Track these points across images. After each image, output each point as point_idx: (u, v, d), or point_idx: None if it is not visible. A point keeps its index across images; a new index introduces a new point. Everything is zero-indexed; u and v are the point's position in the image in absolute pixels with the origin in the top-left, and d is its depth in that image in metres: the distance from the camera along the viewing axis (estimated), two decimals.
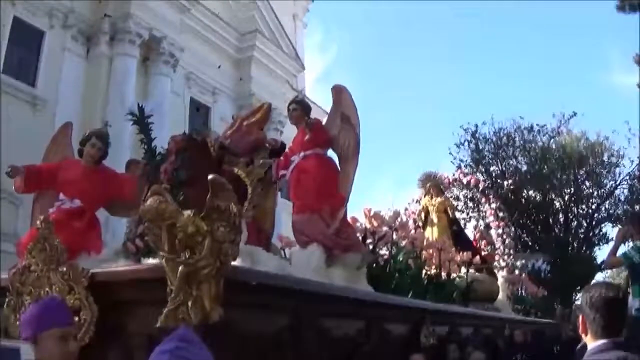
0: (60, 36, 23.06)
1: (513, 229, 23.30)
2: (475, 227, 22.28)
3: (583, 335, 3.59)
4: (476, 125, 36.84)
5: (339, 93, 8.10)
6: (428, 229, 15.80)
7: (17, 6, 21.51)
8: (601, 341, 3.43)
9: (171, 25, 25.82)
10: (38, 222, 5.26)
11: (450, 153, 36.84)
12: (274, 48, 32.16)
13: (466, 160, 36.28)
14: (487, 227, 19.18)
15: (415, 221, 16.07)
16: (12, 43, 21.24)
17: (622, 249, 9.50)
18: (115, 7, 24.08)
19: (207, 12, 28.68)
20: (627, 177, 37.12)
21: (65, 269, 4.87)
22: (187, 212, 4.12)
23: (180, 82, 27.44)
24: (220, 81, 30.04)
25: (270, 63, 32.08)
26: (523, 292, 19.78)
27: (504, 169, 36.65)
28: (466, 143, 36.81)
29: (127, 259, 6.20)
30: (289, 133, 21.08)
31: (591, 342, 3.49)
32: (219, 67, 29.81)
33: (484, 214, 22.81)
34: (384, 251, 9.93)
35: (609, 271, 41.97)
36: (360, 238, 8.64)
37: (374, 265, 8.90)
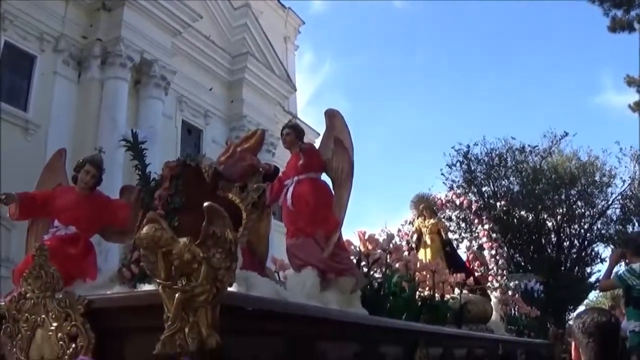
0: (52, 60, 23.08)
1: (506, 249, 23.30)
2: (468, 248, 22.32)
3: None
4: (468, 146, 36.94)
5: (332, 117, 8.12)
6: (421, 250, 15.78)
7: (8, 30, 21.53)
8: None
9: (162, 48, 25.85)
10: (33, 250, 5.28)
11: (442, 174, 36.92)
12: (265, 70, 32.24)
13: (458, 181, 36.34)
14: (480, 247, 19.20)
15: (408, 243, 16.07)
16: (3, 67, 21.22)
17: (616, 271, 9.51)
18: (106, 31, 24.12)
19: (198, 35, 28.77)
20: (619, 197, 37.25)
21: (61, 296, 4.88)
22: (183, 240, 4.13)
23: (172, 104, 27.48)
24: (212, 104, 30.09)
25: (262, 85, 32.15)
26: (516, 312, 19.78)
27: (496, 189, 36.70)
28: (458, 164, 36.89)
29: (123, 285, 6.20)
30: (280, 155, 21.18)
31: None
32: (211, 89, 29.86)
33: (476, 234, 22.87)
34: (378, 274, 9.93)
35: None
36: (354, 261, 8.65)
37: (368, 288, 8.90)
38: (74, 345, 4.58)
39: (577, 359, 3.53)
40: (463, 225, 32.07)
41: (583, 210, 37.64)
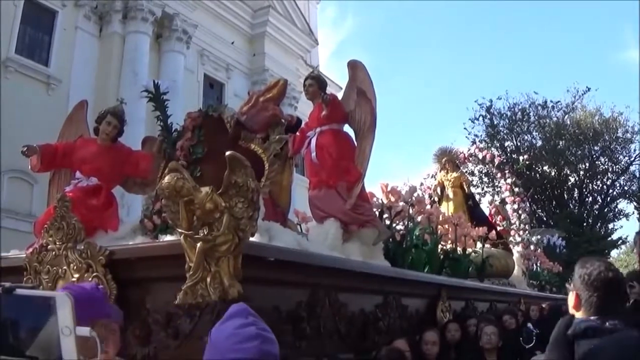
0: (73, 15, 23.01)
1: (528, 204, 23.25)
2: (491, 202, 22.26)
3: (574, 310, 3.48)
4: (491, 101, 36.88)
5: (355, 68, 8.03)
6: (444, 204, 15.76)
7: None
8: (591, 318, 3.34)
9: (184, 2, 25.68)
10: (55, 201, 5.26)
11: (465, 128, 36.92)
12: (287, 24, 32.03)
13: (481, 136, 36.33)
14: (503, 202, 19.15)
15: (430, 196, 16.04)
16: (25, 23, 21.24)
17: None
18: None
19: None
20: None
21: (82, 247, 4.87)
22: (205, 189, 4.10)
23: (194, 58, 27.40)
24: (234, 57, 29.96)
25: (284, 39, 31.99)
26: (538, 267, 19.75)
27: (518, 144, 36.62)
28: (481, 118, 36.85)
29: (145, 235, 6.18)
30: (303, 109, 21.09)
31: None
32: (232, 43, 29.72)
33: (499, 189, 22.82)
34: (400, 226, 9.91)
35: (623, 248, 42.14)
36: (377, 213, 8.62)
37: (391, 240, 8.88)
38: None
39: (576, 309, 3.43)
40: (485, 179, 32.10)
41: (606, 166, 37.53)
